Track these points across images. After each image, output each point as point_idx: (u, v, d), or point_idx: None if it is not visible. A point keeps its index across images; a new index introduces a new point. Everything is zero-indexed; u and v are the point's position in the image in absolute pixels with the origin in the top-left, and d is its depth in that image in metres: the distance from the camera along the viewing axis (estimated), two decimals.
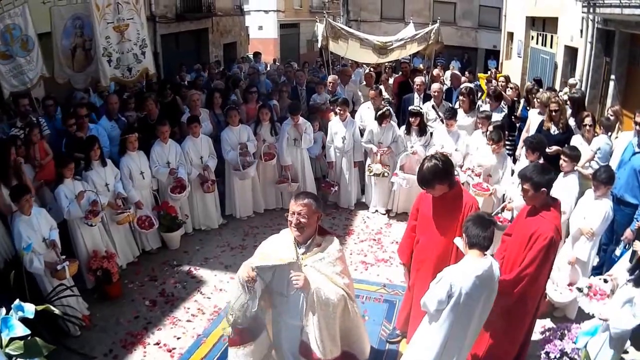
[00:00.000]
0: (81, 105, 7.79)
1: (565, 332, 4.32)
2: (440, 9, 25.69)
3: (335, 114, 8.63)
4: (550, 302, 5.42)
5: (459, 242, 3.90)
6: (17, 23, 7.16)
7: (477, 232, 3.56)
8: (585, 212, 5.38)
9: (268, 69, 15.81)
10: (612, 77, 11.21)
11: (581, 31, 12.63)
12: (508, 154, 7.31)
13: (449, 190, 4.29)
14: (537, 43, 17.61)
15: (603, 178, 5.25)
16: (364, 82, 11.03)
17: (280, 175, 8.39)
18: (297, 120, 7.98)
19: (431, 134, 8.05)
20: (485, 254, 3.59)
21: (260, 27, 30.73)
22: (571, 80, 11.83)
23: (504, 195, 6.75)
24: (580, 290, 4.57)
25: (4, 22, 7.03)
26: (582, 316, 4.76)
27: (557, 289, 5.29)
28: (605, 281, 4.48)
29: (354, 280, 4.09)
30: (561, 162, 5.85)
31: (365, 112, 9.04)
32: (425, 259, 4.49)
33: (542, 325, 5.30)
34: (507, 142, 7.75)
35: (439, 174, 4.18)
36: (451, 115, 7.79)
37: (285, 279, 3.57)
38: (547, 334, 4.50)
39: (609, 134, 6.89)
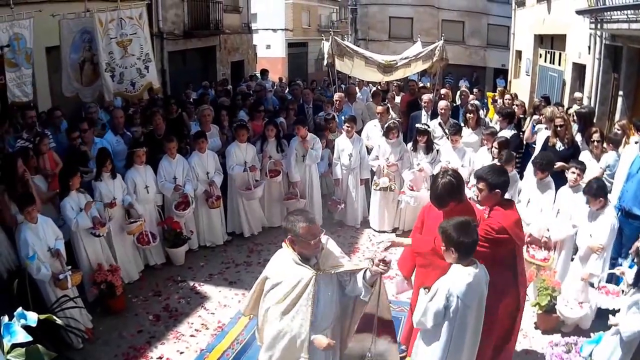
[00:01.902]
0: (84, 119, 7.82)
1: (572, 345, 4.27)
2: (448, 28, 25.78)
3: (332, 131, 8.64)
4: (558, 318, 5.36)
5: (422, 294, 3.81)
6: (23, 34, 7.24)
7: (461, 238, 3.53)
8: (590, 230, 5.32)
9: (274, 87, 15.88)
10: (620, 92, 11.15)
11: (589, 48, 12.59)
12: (516, 171, 7.22)
13: (458, 204, 4.26)
14: (545, 61, 17.59)
15: (594, 190, 5.18)
16: (371, 100, 11.07)
17: (287, 192, 8.35)
18: (300, 132, 7.96)
19: (437, 151, 8.02)
20: (472, 260, 3.55)
21: (268, 46, 30.99)
22: (577, 94, 11.82)
23: None
24: (591, 285, 4.55)
25: (13, 29, 7.11)
26: (594, 329, 4.70)
27: (567, 304, 5.25)
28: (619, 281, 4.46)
29: None
30: (572, 175, 5.76)
31: (372, 130, 9.03)
32: (431, 271, 4.43)
33: (549, 340, 5.24)
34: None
35: (453, 191, 4.14)
36: (456, 130, 7.76)
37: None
38: (555, 348, 4.44)
39: (619, 150, 6.84)
